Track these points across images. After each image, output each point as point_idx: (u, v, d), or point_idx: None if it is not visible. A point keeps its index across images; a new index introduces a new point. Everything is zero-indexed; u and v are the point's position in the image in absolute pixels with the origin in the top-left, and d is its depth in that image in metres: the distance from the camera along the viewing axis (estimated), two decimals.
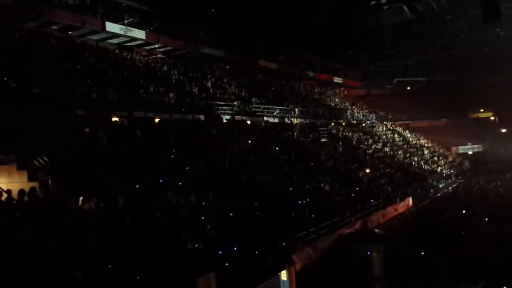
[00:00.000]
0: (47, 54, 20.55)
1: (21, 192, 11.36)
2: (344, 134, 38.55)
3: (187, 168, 18.12)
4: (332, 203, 20.65)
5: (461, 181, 38.99)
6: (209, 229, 13.61)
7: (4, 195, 11.33)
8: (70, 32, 25.19)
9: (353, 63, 53.00)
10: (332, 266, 15.81)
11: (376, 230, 20.30)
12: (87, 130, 16.64)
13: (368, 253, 15.85)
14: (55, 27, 24.22)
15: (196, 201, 15.32)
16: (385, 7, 34.25)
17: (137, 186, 14.40)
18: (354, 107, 49.87)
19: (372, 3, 33.44)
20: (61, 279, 8.97)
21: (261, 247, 13.69)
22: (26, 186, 12.20)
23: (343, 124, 41.60)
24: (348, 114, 44.98)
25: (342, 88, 56.15)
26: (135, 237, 11.39)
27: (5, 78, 15.67)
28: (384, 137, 44.56)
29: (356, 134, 40.01)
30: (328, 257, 16.15)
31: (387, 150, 39.22)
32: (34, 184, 12.61)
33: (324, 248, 16.58)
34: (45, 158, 13.84)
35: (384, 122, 50.17)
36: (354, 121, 44.44)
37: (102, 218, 12.00)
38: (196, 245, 12.26)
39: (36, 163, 13.70)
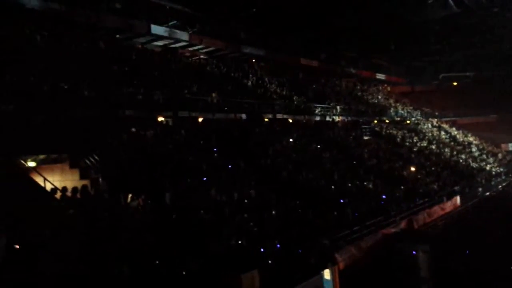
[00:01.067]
0: (96, 57, 21.41)
1: (74, 189, 11.98)
2: (387, 131, 37.79)
3: (230, 166, 18.40)
4: (376, 202, 20.36)
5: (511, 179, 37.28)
6: (251, 226, 13.79)
7: (59, 193, 11.99)
8: (117, 36, 26.10)
9: (396, 59, 51.72)
10: (376, 266, 15.58)
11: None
12: (133, 129, 17.24)
13: (414, 252, 15.49)
14: (104, 31, 25.16)
15: (239, 198, 15.57)
16: (429, 1, 33.20)
17: (182, 183, 14.79)
18: (398, 104, 48.75)
19: None
20: (110, 274, 9.40)
21: (304, 245, 13.75)
22: (78, 184, 12.87)
23: (387, 121, 40.80)
24: (391, 111, 44.07)
25: (385, 85, 54.99)
26: (181, 234, 11.75)
27: (58, 82, 16.45)
28: (430, 134, 43.30)
29: (400, 132, 39.12)
30: (372, 257, 15.93)
31: (433, 147, 38.10)
32: (86, 182, 13.27)
33: (368, 247, 16.38)
34: (96, 157, 14.51)
35: (430, 119, 48.77)
36: (398, 119, 43.48)
37: (149, 215, 12.46)
38: (240, 242, 12.48)
39: (87, 162, 14.40)
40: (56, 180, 13.17)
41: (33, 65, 16.68)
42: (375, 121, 38.74)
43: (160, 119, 19.91)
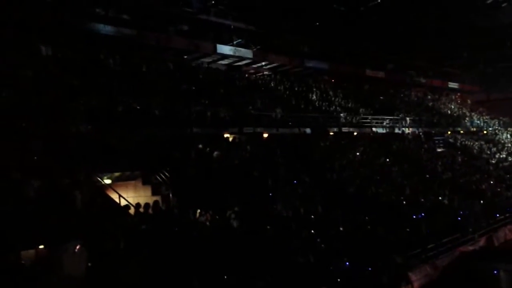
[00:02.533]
0: (165, 78, 22.40)
1: (146, 205, 12.45)
2: (463, 143, 35.78)
3: (295, 181, 18.27)
4: (452, 217, 19.22)
5: None
6: (319, 242, 13.52)
7: (132, 208, 12.54)
8: (185, 56, 27.19)
9: (469, 67, 49.06)
10: (453, 286, 14.71)
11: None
12: (200, 146, 17.70)
13: (495, 272, 14.42)
14: (172, 52, 26.35)
15: (305, 214, 15.36)
16: (503, 5, 31.29)
17: (248, 199, 14.88)
18: (473, 114, 46.10)
19: (489, 1, 30.83)
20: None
21: (375, 263, 13.24)
22: (150, 200, 13.37)
23: (461, 132, 38.68)
24: (466, 121, 41.74)
25: (458, 94, 52.30)
26: (247, 249, 11.77)
27: (131, 102, 17.36)
28: (509, 145, 40.34)
29: (476, 143, 36.86)
30: (449, 276, 15.03)
31: None
32: (157, 198, 13.77)
33: (444, 266, 15.49)
34: (166, 174, 15.05)
35: (509, 129, 45.51)
36: (474, 129, 41.06)
37: (217, 230, 12.64)
38: (307, 259, 12.27)
39: (159, 178, 14.97)
40: (130, 196, 13.80)
41: (108, 88, 17.75)
42: (449, 132, 36.86)
43: (226, 135, 20.29)
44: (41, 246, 9.38)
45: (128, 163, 14.66)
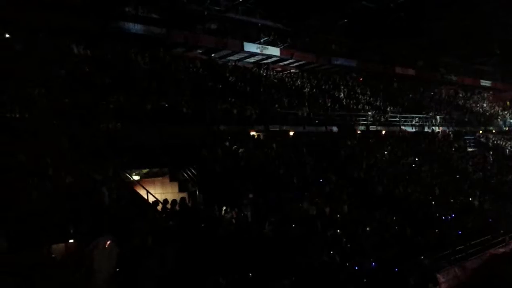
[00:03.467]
0: (193, 76, 22.63)
1: (173, 202, 12.63)
2: (494, 142, 34.73)
3: (321, 180, 18.17)
4: (483, 219, 18.72)
5: None
6: (345, 242, 13.42)
7: (160, 205, 12.74)
8: (212, 54, 27.40)
9: (502, 64, 47.53)
10: None
11: None
12: (227, 144, 17.83)
13: None
14: (200, 50, 26.58)
15: (331, 213, 15.27)
16: None
17: (274, 197, 14.90)
18: (506, 113, 44.66)
19: None
20: (207, 284, 9.73)
21: (402, 264, 13.05)
22: (177, 196, 13.55)
23: (493, 131, 37.55)
24: (499, 120, 40.48)
25: (491, 92, 50.75)
26: (272, 247, 11.80)
27: (159, 100, 17.65)
28: None
29: (509, 143, 35.71)
30: (478, 279, 14.63)
31: None
32: (184, 194, 13.95)
33: (474, 268, 15.05)
34: (193, 171, 15.23)
35: None
36: (507, 128, 39.78)
37: (242, 227, 12.70)
38: (333, 258, 12.21)
39: (186, 175, 15.16)
40: (157, 192, 14.03)
41: (137, 86, 18.09)
42: (480, 131, 35.87)
43: (252, 133, 20.36)
44: (71, 241, 9.64)
45: (156, 159, 14.91)
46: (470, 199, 20.84)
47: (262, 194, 14.68)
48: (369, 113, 27.94)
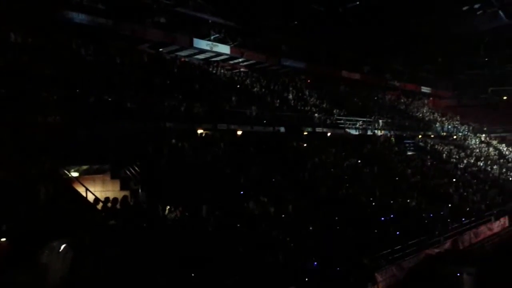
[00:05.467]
0: (139, 70, 21.99)
1: (114, 200, 12.18)
2: (432, 147, 36.53)
3: (267, 180, 18.24)
4: (419, 220, 19.58)
5: None
6: (288, 242, 13.54)
7: (100, 204, 12.25)
8: (160, 49, 26.78)
9: (443, 72, 50.20)
10: (418, 287, 14.99)
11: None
12: (173, 141, 17.47)
13: (458, 274, 14.76)
14: (148, 44, 25.90)
15: (276, 213, 15.35)
16: (478, 12, 32.06)
17: (220, 196, 14.76)
18: (443, 119, 47.16)
19: (465, 8, 31.51)
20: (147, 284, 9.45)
21: (343, 264, 13.35)
22: (118, 194, 13.09)
23: (432, 136, 39.49)
24: (437, 125, 42.67)
25: (431, 98, 53.43)
26: (216, 247, 11.67)
27: (102, 94, 16.99)
28: (478, 150, 41.49)
29: (446, 147, 37.72)
30: (414, 277, 15.31)
31: (481, 164, 36.41)
32: (126, 193, 13.48)
33: (410, 267, 15.76)
34: (136, 168, 14.77)
35: (478, 135, 46.81)
36: (444, 133, 42.02)
37: (186, 227, 12.49)
38: (276, 258, 12.27)
39: (128, 173, 14.67)
40: (97, 190, 13.47)
41: (79, 78, 17.30)
42: (420, 136, 37.58)
43: (200, 131, 20.09)
44: (3, 239, 9.10)
45: (97, 156, 14.30)
46: (408, 200, 21.71)
47: (208, 193, 14.51)
48: (316, 115, 28.44)
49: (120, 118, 16.36)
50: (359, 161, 25.53)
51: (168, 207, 12.81)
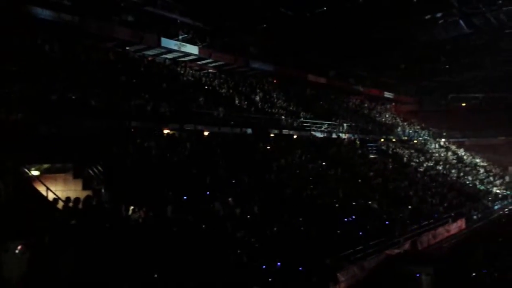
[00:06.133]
0: (105, 68, 21.64)
1: (76, 200, 11.96)
2: (394, 150, 37.60)
3: (234, 180, 18.34)
4: (381, 221, 20.14)
5: None
6: (253, 242, 13.67)
7: (61, 203, 11.99)
8: (127, 48, 26.42)
9: (405, 78, 51.78)
10: (378, 287, 15.42)
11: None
12: (138, 141, 17.30)
13: (417, 275, 15.30)
14: (114, 43, 25.50)
15: (241, 214, 15.46)
16: (440, 21, 33.33)
17: (185, 197, 14.74)
18: (405, 123, 48.61)
19: (427, 17, 32.68)
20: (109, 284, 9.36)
21: (306, 264, 13.59)
22: (81, 194, 12.85)
23: (394, 140, 40.64)
24: (399, 130, 43.92)
25: (393, 104, 54.95)
26: (180, 248, 11.66)
27: (66, 91, 16.63)
28: (437, 154, 43.03)
29: (407, 151, 38.91)
30: (374, 277, 15.75)
31: (440, 168, 37.79)
32: (88, 192, 13.25)
33: (370, 267, 16.20)
34: (100, 168, 14.53)
35: (437, 139, 48.51)
36: (405, 138, 43.30)
37: (151, 227, 12.40)
38: (240, 258, 12.37)
39: (91, 172, 14.41)
40: (58, 190, 13.17)
41: (43, 75, 16.87)
42: (382, 140, 38.59)
43: (166, 131, 19.97)
44: None
45: (59, 154, 13.98)
46: (370, 202, 22.28)
47: (173, 194, 14.46)
48: (283, 117, 28.77)
49: (84, 116, 16.07)
50: (324, 163, 25.99)
51: (132, 207, 12.68)
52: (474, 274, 15.23)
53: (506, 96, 53.15)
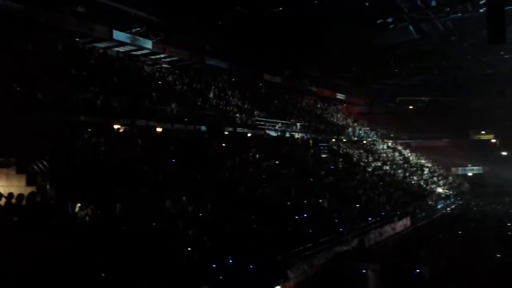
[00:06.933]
0: (54, 60, 20.74)
1: (19, 196, 11.40)
2: (344, 150, 38.57)
3: (187, 178, 18.14)
4: (331, 219, 20.60)
5: (460, 202, 38.88)
6: (204, 240, 13.58)
7: (3, 199, 11.38)
8: (77, 39, 25.46)
9: (357, 80, 53.20)
10: (327, 283, 15.78)
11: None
12: (86, 136, 16.73)
13: (364, 271, 15.80)
14: (64, 34, 24.50)
15: (194, 211, 15.33)
16: (391, 26, 34.47)
17: (135, 194, 14.40)
18: (356, 124, 49.96)
19: (379, 21, 33.70)
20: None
21: (257, 261, 13.67)
22: (24, 190, 12.25)
23: (344, 140, 41.66)
24: (349, 130, 45.05)
25: (345, 105, 56.31)
26: (131, 246, 11.39)
27: (11, 83, 15.82)
28: (385, 155, 44.55)
29: (357, 151, 40.02)
30: (323, 274, 16.10)
31: (387, 168, 39.19)
32: (32, 188, 12.65)
33: (320, 264, 16.54)
34: (45, 163, 13.92)
35: (385, 140, 50.21)
36: (355, 138, 44.49)
37: (98, 225, 12.03)
38: (192, 257, 12.25)
39: (36, 167, 13.78)
40: (0, 185, 12.51)
41: None
42: (333, 140, 39.44)
43: (117, 126, 19.42)
44: None
45: (1, 148, 13.26)
46: (321, 200, 22.74)
47: (123, 191, 14.09)
48: (237, 115, 28.78)
49: (29, 109, 15.33)
50: (277, 162, 26.26)
51: (79, 204, 12.25)
52: (417, 270, 15.94)
53: (450, 100, 55.88)
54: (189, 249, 12.45)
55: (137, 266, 10.69)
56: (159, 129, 21.48)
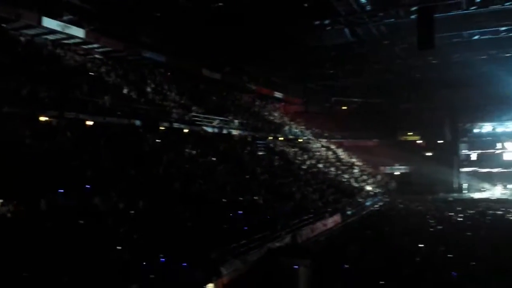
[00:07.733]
0: None
1: None
2: (280, 148, 39.18)
3: (118, 174, 17.57)
4: (265, 216, 20.87)
5: (387, 200, 40.97)
6: (135, 238, 13.25)
7: None
8: (3, 25, 23.67)
9: (294, 80, 54.12)
10: (260, 279, 15.97)
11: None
12: (9, 128, 15.68)
13: (296, 267, 16.15)
14: None
15: (125, 208, 14.90)
16: (327, 28, 35.35)
17: (61, 190, 13.73)
18: (292, 123, 50.90)
19: (316, 23, 34.43)
20: None
21: (190, 259, 13.55)
22: None
23: (281, 138, 42.32)
24: (286, 129, 45.80)
25: (282, 103, 57.10)
26: (55, 244, 10.87)
27: None
28: (319, 153, 45.85)
29: (292, 149, 40.81)
30: (256, 270, 16.29)
31: (321, 166, 40.37)
32: None
33: (253, 261, 16.71)
34: None
35: (320, 139, 51.61)
36: (291, 136, 45.33)
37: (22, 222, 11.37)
38: (121, 255, 11.91)
39: None
40: None
41: None
42: (270, 138, 39.94)
43: (44, 118, 18.35)
44: None
45: None
46: (256, 197, 23.00)
47: (49, 186, 13.38)
48: (174, 110, 28.26)
49: None
50: (214, 159, 26.17)
51: (1, 200, 11.52)
52: (346, 266, 16.58)
53: (380, 103, 58.53)
54: (119, 247, 12.08)
55: (62, 265, 10.22)
56: (90, 122, 20.54)
